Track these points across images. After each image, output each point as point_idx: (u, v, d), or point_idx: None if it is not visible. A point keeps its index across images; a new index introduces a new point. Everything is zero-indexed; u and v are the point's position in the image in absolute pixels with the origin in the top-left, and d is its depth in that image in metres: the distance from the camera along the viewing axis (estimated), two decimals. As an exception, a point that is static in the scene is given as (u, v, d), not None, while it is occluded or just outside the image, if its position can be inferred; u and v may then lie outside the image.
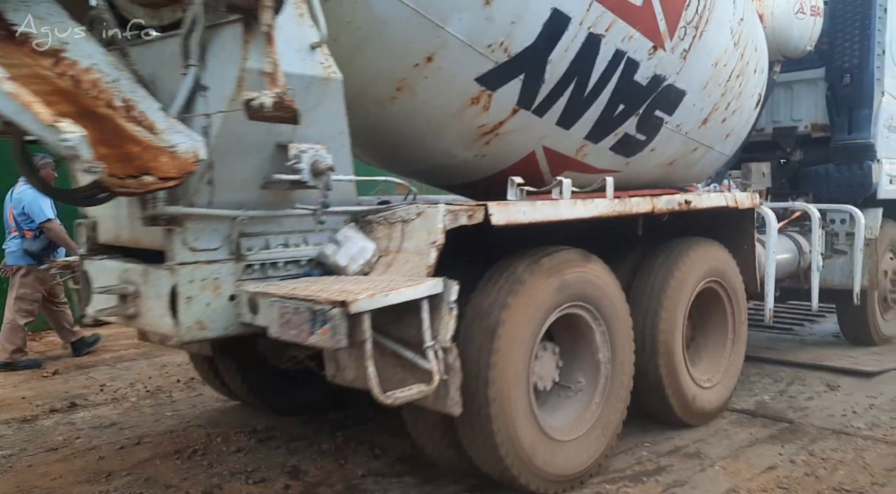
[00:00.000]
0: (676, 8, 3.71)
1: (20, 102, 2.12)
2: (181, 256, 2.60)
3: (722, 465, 3.51)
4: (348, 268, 2.87)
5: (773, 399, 4.56)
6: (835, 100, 6.10)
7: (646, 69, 3.69)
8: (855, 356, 5.59)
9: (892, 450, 3.67)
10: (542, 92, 3.40)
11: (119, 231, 3.11)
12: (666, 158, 4.32)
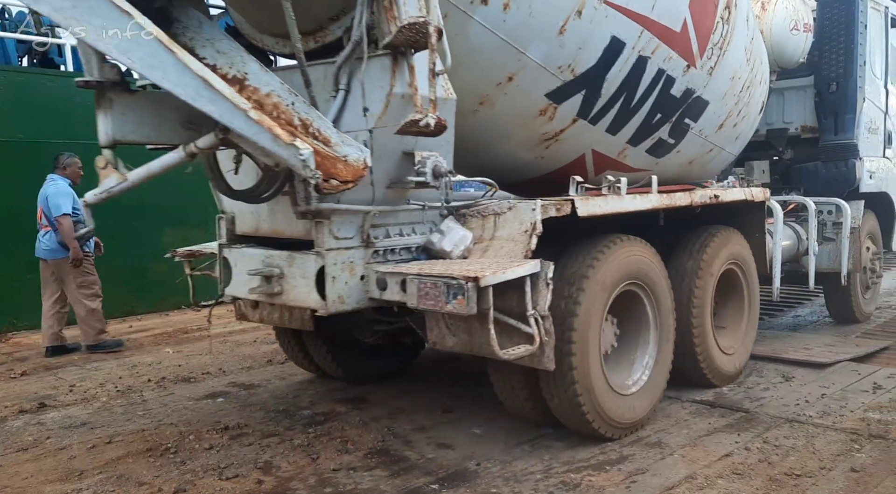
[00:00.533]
0: (706, 32, 4.52)
1: (265, 126, 2.77)
2: (328, 243, 3.27)
3: (681, 453, 3.65)
4: (452, 253, 3.52)
5: (731, 390, 4.72)
6: (822, 105, 6.90)
7: (680, 84, 4.47)
8: (810, 347, 5.80)
9: (840, 437, 3.84)
10: (597, 104, 4.08)
11: (258, 224, 3.80)
12: (687, 159, 5.09)
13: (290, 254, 3.45)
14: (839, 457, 3.54)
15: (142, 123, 3.15)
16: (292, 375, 5.39)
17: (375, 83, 3.09)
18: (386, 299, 3.37)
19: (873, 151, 7.04)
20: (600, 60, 3.91)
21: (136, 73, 2.85)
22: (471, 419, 4.22)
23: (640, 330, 4.11)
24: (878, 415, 4.15)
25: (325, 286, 3.26)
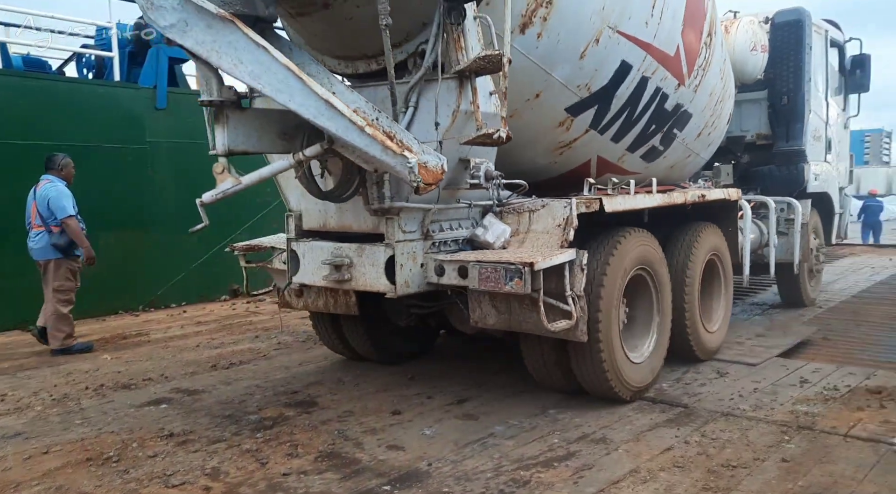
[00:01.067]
0: (693, 56, 5.45)
1: (377, 139, 3.36)
2: (397, 236, 3.93)
3: (625, 448, 3.78)
4: (494, 244, 4.18)
5: (670, 387, 4.90)
6: (775, 116, 7.96)
7: (672, 100, 5.32)
8: (742, 342, 6.07)
9: (772, 429, 4.05)
10: (606, 117, 4.83)
11: (326, 220, 4.41)
12: (671, 163, 5.97)
13: (359, 246, 4.08)
14: (771, 448, 3.74)
15: (249, 135, 3.75)
16: (238, 380, 5.33)
17: (443, 101, 3.74)
18: (443, 284, 4.04)
19: (818, 156, 8.18)
20: (611, 80, 4.68)
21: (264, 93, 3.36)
22: (420, 421, 4.27)
23: (646, 309, 4.90)
24: (806, 408, 4.39)
25: (395, 273, 3.92)
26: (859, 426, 4.05)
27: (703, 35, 5.62)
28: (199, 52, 3.31)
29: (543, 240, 4.13)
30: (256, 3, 3.40)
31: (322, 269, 4.22)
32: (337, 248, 4.18)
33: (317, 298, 4.85)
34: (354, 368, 5.58)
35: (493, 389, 4.93)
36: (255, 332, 7.29)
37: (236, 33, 3.25)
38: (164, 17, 3.28)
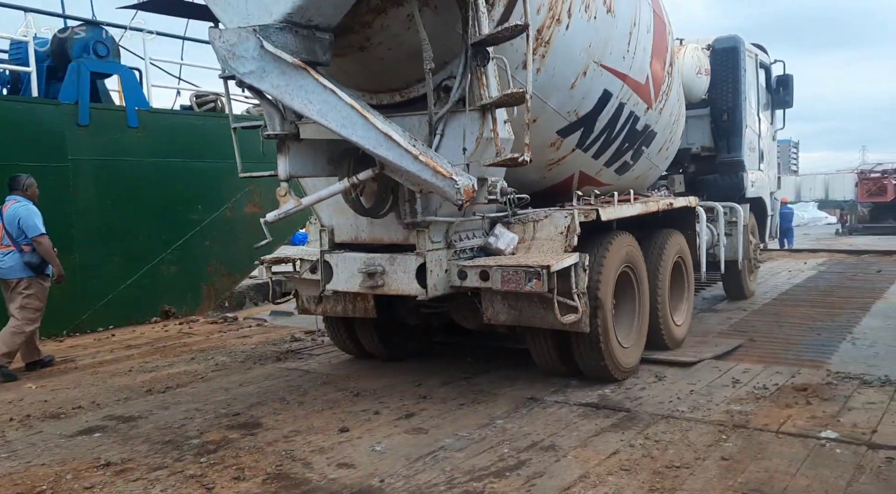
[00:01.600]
0: (659, 83, 6.47)
1: (429, 165, 3.97)
2: (427, 246, 4.62)
3: (574, 454, 3.88)
4: (505, 251, 4.91)
5: (612, 392, 5.05)
6: (717, 130, 9.11)
7: (642, 121, 6.28)
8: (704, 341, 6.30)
9: (710, 429, 4.23)
10: (590, 138, 5.70)
11: (358, 234, 5.08)
12: (637, 175, 6.95)
13: (391, 255, 4.74)
14: (710, 447, 3.90)
15: (304, 162, 4.44)
16: (175, 403, 5.17)
17: (469, 130, 4.36)
18: (465, 286, 4.77)
19: (753, 165, 9.43)
20: (595, 106, 5.55)
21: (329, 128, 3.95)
22: (369, 437, 4.26)
23: (629, 302, 5.71)
24: (739, 407, 4.60)
25: (426, 278, 4.61)
26: (789, 422, 4.28)
27: (666, 65, 6.71)
28: (273, 94, 3.93)
29: (547, 246, 4.92)
30: (317, 51, 4.00)
31: (356, 277, 4.86)
32: (369, 258, 4.83)
33: (335, 304, 5.62)
34: (297, 387, 5.52)
35: (440, 402, 4.97)
36: (191, 354, 7.09)
37: (307, 78, 3.88)
38: (245, 65, 3.84)
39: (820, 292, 9.63)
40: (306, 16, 3.89)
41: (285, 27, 3.83)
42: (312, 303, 5.81)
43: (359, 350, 6.34)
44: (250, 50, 3.79)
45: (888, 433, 4.04)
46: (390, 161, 4.01)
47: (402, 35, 4.29)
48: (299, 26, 3.89)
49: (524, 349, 6.30)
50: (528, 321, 4.83)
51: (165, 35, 10.41)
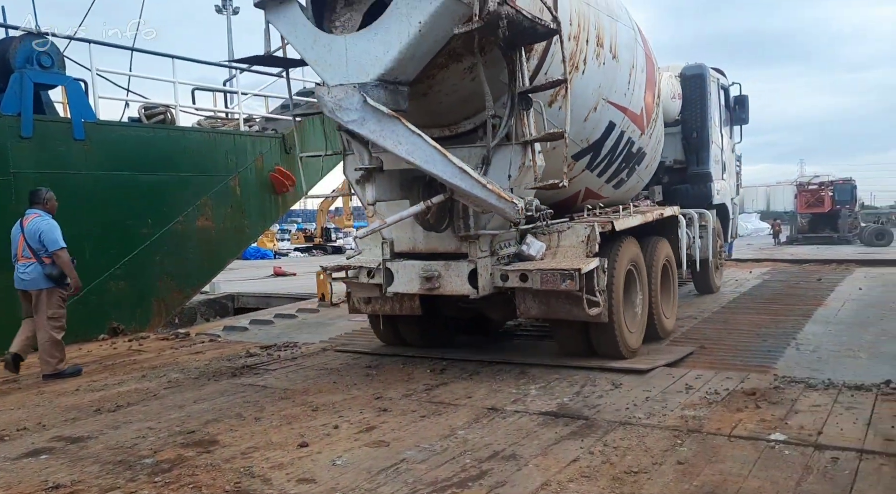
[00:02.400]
0: (650, 113, 7.99)
1: (494, 191, 5.10)
2: (478, 254, 5.79)
3: (535, 463, 3.92)
4: (536, 257, 5.92)
5: (571, 400, 5.13)
6: (688, 146, 10.73)
7: (636, 145, 7.71)
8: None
9: (665, 434, 4.34)
10: (596, 160, 7.06)
11: (415, 245, 6.17)
12: (627, 188, 8.35)
13: (445, 262, 5.89)
14: (667, 452, 4.00)
15: (384, 189, 5.62)
16: (127, 422, 5.04)
17: (514, 160, 5.60)
18: (507, 287, 5.87)
19: (718, 175, 11.14)
20: (602, 135, 6.90)
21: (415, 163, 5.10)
22: (329, 451, 4.23)
23: (633, 295, 6.84)
24: (693, 412, 4.73)
25: (477, 281, 5.77)
26: (740, 426, 4.42)
27: (655, 97, 8.24)
28: (370, 137, 5.04)
29: (571, 253, 5.95)
30: (399, 101, 5.16)
31: (415, 280, 5.97)
32: (427, 265, 5.93)
33: (384, 304, 6.66)
34: (254, 403, 5.43)
35: (401, 414, 4.97)
36: (142, 371, 6.92)
37: (398, 124, 4.98)
38: (349, 115, 4.97)
39: (765, 301, 10.00)
40: (394, 75, 5.00)
41: (379, 84, 4.95)
42: (362, 303, 6.88)
43: (400, 341, 7.47)
44: (354, 103, 4.89)
45: (832, 434, 4.21)
46: (463, 189, 5.14)
47: (458, 84, 5.56)
48: (388, 83, 5.01)
49: (484, 360, 6.35)
50: (556, 314, 6.01)
51: (113, 46, 10.20)
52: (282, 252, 39.79)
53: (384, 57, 4.89)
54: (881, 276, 12.40)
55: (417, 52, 4.98)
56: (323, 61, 5.13)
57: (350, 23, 5.34)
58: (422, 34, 4.83)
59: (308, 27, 5.23)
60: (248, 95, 12.64)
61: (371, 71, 4.88)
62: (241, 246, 12.22)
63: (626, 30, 7.31)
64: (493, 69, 5.34)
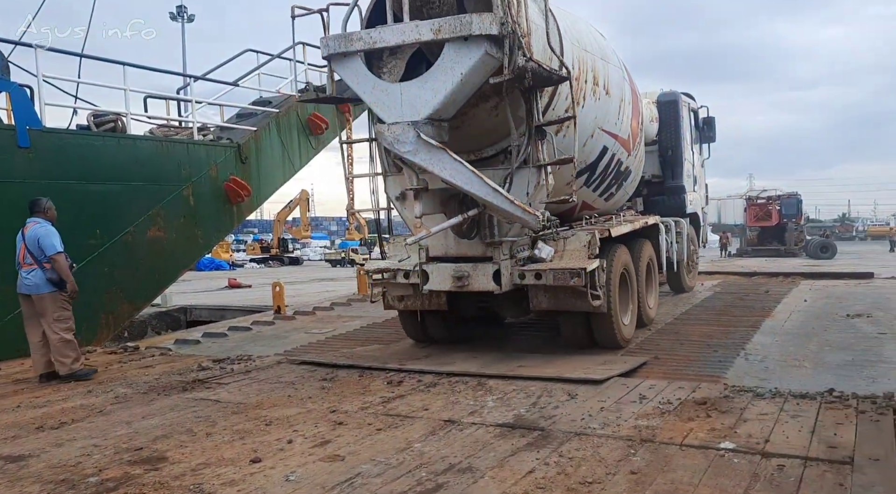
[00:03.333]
0: (636, 137, 9.47)
1: (520, 206, 6.44)
2: (501, 257, 6.97)
3: (491, 475, 3.94)
4: (546, 259, 7.03)
5: (527, 412, 5.17)
6: (664, 162, 12.41)
7: (624, 165, 9.15)
8: (588, 366, 6.52)
9: (619, 444, 4.40)
10: (592, 178, 8.50)
11: (447, 250, 7.31)
12: (615, 200, 9.81)
13: (473, 264, 7.08)
14: (620, 462, 4.06)
15: (428, 204, 6.80)
16: (71, 440, 4.87)
17: (531, 180, 6.87)
18: (523, 284, 7.07)
19: (690, 188, 12.87)
20: (597, 158, 8.43)
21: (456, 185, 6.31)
22: (283, 467, 4.18)
23: (626, 293, 8.15)
24: (646, 422, 4.81)
25: (501, 279, 6.98)
26: (691, 435, 4.51)
27: (639, 123, 9.77)
28: (421, 164, 6.24)
29: (576, 255, 7.13)
30: (442, 134, 6.35)
31: (447, 279, 7.17)
32: (458, 266, 7.13)
33: (415, 301, 7.84)
34: (206, 418, 5.31)
35: (356, 427, 4.93)
36: (87, 386, 6.73)
37: (444, 154, 6.19)
38: (405, 147, 6.13)
39: (716, 312, 10.26)
40: (439, 114, 6.24)
41: (428, 122, 6.15)
42: (396, 301, 8.03)
43: (426, 337, 8.63)
44: (409, 137, 6.08)
45: (779, 442, 4.34)
46: (495, 205, 6.39)
47: (484, 119, 6.94)
48: (435, 120, 6.23)
49: (441, 371, 6.36)
50: (563, 306, 7.22)
51: (61, 51, 9.93)
52: (237, 263, 39.25)
53: (433, 100, 6.06)
54: (825, 288, 12.85)
55: (458, 96, 6.23)
56: (381, 103, 6.24)
57: (395, 69, 6.32)
58: (462, 82, 6.05)
59: (368, 76, 6.30)
60: (203, 103, 12.45)
61: (422, 111, 6.07)
62: (194, 257, 12.00)
63: (616, 70, 8.86)
64: (511, 106, 6.71)
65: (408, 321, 8.58)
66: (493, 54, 6.01)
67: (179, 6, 36.92)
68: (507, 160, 6.96)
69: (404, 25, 6.04)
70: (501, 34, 5.92)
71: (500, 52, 6.02)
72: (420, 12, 6.20)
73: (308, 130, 13.48)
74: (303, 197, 43.16)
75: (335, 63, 6.46)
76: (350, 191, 17.02)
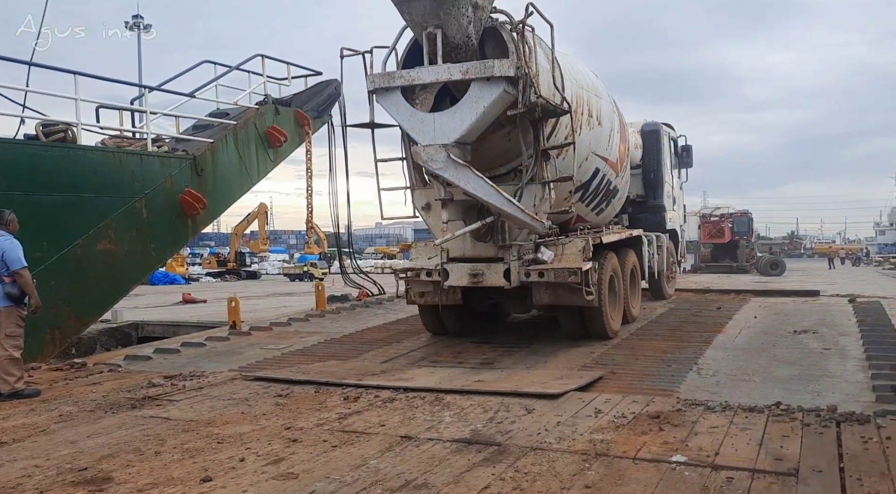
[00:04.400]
0: (623, 159, 11.34)
1: (529, 215, 8.01)
2: (510, 258, 8.63)
3: (446, 491, 3.95)
4: (547, 261, 8.56)
5: (484, 427, 5.17)
6: (647, 184, 14.24)
7: (613, 184, 10.88)
8: (546, 381, 6.57)
9: (574, 458, 4.44)
10: (586, 194, 10.09)
11: (464, 252, 8.87)
12: (605, 215, 11.42)
13: (487, 264, 8.54)
14: (575, 477, 4.10)
15: (453, 212, 8.24)
16: (11, 460, 4.77)
17: (537, 193, 8.26)
18: (528, 281, 8.51)
19: (670, 207, 14.74)
20: (590, 178, 9.94)
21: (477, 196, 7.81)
22: (234, 485, 4.15)
23: (615, 293, 9.74)
24: (601, 436, 4.87)
25: (510, 276, 8.47)
26: (644, 449, 4.58)
27: (626, 149, 11.54)
28: (450, 179, 7.63)
29: (572, 258, 8.60)
30: (466, 154, 7.70)
31: (465, 277, 8.68)
32: (473, 266, 8.65)
33: (434, 296, 9.32)
34: (155, 436, 5.18)
35: (311, 444, 4.87)
36: (30, 404, 6.47)
37: (468, 171, 7.61)
38: (437, 164, 7.55)
39: (670, 328, 10.48)
40: (464, 138, 7.66)
41: (456, 145, 7.58)
42: (418, 297, 9.53)
43: (443, 330, 10.24)
44: (441, 157, 7.53)
45: (728, 454, 4.43)
46: (509, 213, 7.86)
47: (498, 144, 8.44)
48: (461, 144, 7.65)
49: (399, 387, 6.33)
50: (561, 301, 8.69)
51: (7, 59, 9.66)
52: (193, 277, 38.42)
53: (460, 127, 7.55)
54: (774, 305, 13.22)
55: (480, 124, 7.71)
56: (417, 129, 7.77)
57: (426, 100, 7.98)
58: (484, 113, 7.57)
59: (406, 107, 7.79)
60: (158, 114, 12.23)
61: (451, 136, 7.54)
62: (146, 271, 11.70)
63: (607, 104, 10.57)
64: (523, 133, 8.24)
65: (428, 316, 10.19)
66: (510, 91, 7.53)
67: (135, 16, 36.41)
68: (517, 177, 8.46)
69: (439, 67, 7.41)
70: (517, 75, 7.44)
71: (515, 89, 7.54)
72: (449, 56, 7.50)
73: (267, 142, 13.35)
74: (261, 210, 42.67)
75: (378, 96, 7.93)
76: (309, 204, 16.99)
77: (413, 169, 8.84)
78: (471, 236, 8.54)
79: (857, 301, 12.81)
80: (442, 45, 7.31)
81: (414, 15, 7.33)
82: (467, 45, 7.47)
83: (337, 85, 14.82)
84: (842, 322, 10.48)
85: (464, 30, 7.30)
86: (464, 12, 7.17)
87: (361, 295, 15.70)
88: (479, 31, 7.53)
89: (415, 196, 9.00)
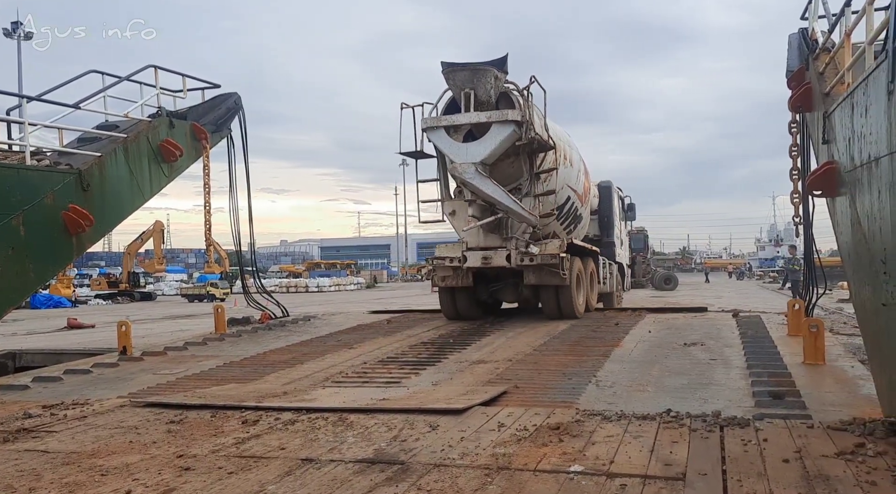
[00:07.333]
0: (587, 193, 16.35)
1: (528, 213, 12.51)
2: (512, 247, 12.90)
3: (346, 513, 3.80)
4: (535, 254, 12.78)
5: (388, 445, 5.11)
6: (601, 226, 18.39)
7: (579, 212, 15.88)
8: (451, 397, 6.60)
9: (477, 473, 4.44)
10: (561, 215, 14.74)
11: (478, 242, 13.09)
12: (575, 236, 15.95)
13: (494, 250, 12.74)
14: (477, 491, 4.11)
15: (476, 210, 12.44)
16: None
17: (532, 202, 12.82)
18: (523, 264, 12.51)
19: (619, 245, 19.40)
20: (563, 202, 14.33)
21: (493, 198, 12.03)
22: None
23: (580, 285, 13.84)
24: (503, 450, 4.92)
25: (511, 260, 12.66)
26: (545, 460, 4.66)
27: (588, 187, 15.95)
28: (477, 185, 11.61)
29: (552, 249, 12.41)
30: (488, 171, 11.74)
31: (478, 260, 12.59)
32: (484, 252, 12.60)
33: (452, 279, 13.04)
34: (30, 471, 4.84)
35: (206, 472, 4.68)
36: None
37: (489, 181, 11.72)
38: (468, 176, 11.58)
39: (571, 343, 10.74)
40: (487, 160, 11.66)
41: (481, 164, 11.53)
42: (440, 280, 13.14)
43: (457, 314, 13.59)
44: (471, 171, 11.48)
45: (622, 462, 4.58)
46: (515, 211, 11.88)
47: (506, 167, 12.24)
48: (484, 163, 11.60)
49: (301, 408, 6.17)
50: (544, 281, 12.46)
51: None
52: (81, 299, 36.15)
53: (484, 152, 11.59)
54: (667, 321, 13.90)
55: (497, 152, 11.73)
56: (455, 153, 11.83)
57: (458, 135, 12.02)
58: (500, 144, 11.63)
59: (449, 140, 11.93)
60: (38, 126, 11.44)
61: (478, 158, 11.55)
62: (24, 293, 10.88)
63: (576, 152, 15.13)
64: (523, 161, 12.34)
65: (445, 298, 13.73)
66: (517, 130, 11.69)
67: (15, 22, 34.21)
68: (517, 192, 12.26)
69: (471, 114, 11.66)
70: (521, 120, 11.63)
71: (520, 130, 11.69)
72: (477, 108, 11.69)
73: (160, 156, 12.75)
74: (156, 228, 40.78)
75: (428, 132, 12.09)
76: (207, 221, 16.36)
77: (444, 182, 13.04)
78: (483, 230, 12.41)
79: (740, 316, 13.68)
80: (473, 101, 11.63)
81: (457, 81, 11.78)
82: (489, 102, 11.72)
83: (237, 98, 14.48)
84: (726, 335, 11.13)
85: (488, 92, 11.65)
86: (489, 80, 11.58)
87: (264, 318, 15.24)
88: (497, 93, 11.85)
89: (444, 206, 13.12)
